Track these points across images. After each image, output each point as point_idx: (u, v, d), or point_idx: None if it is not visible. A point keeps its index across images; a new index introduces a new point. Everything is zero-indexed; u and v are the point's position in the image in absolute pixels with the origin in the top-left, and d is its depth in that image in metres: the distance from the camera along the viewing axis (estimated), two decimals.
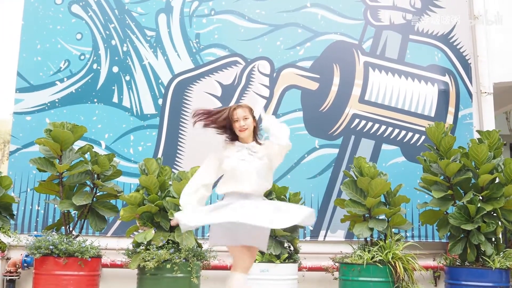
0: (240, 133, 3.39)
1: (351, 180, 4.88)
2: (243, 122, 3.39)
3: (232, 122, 3.40)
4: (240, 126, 3.38)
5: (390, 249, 4.50)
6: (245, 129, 3.39)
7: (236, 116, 3.39)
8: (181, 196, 3.38)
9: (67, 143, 4.44)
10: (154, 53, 6.34)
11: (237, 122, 3.39)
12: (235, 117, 3.40)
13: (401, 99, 6.34)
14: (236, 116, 3.39)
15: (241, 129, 3.38)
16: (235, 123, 3.39)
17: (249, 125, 3.42)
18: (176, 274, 4.20)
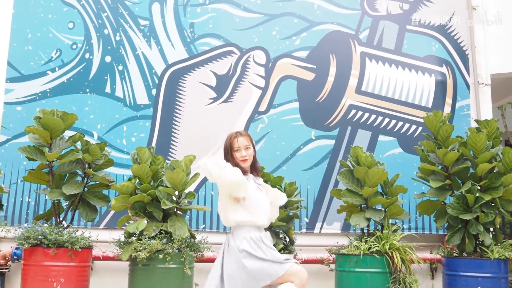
0: (241, 163, 3.26)
1: (348, 170, 4.79)
2: (244, 152, 3.27)
3: (232, 150, 3.27)
4: (241, 156, 3.25)
5: (387, 239, 4.41)
6: (246, 160, 3.27)
7: (237, 145, 3.26)
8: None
9: (57, 131, 4.32)
10: (147, 43, 6.23)
11: (237, 151, 3.26)
12: (236, 146, 3.26)
13: (398, 90, 6.26)
14: (237, 145, 3.26)
15: (243, 159, 3.26)
16: (235, 152, 3.26)
17: (250, 156, 3.30)
18: (169, 265, 4.10)
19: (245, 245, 3.12)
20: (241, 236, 3.17)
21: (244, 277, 3.07)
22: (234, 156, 3.25)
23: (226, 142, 3.32)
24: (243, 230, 3.18)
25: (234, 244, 3.15)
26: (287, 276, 3.04)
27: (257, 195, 3.25)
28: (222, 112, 6.06)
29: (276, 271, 3.04)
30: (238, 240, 3.16)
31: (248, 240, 3.13)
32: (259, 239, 3.17)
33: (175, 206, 4.32)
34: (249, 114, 6.10)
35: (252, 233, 3.17)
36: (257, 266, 3.06)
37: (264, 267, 3.05)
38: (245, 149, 3.27)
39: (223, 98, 6.10)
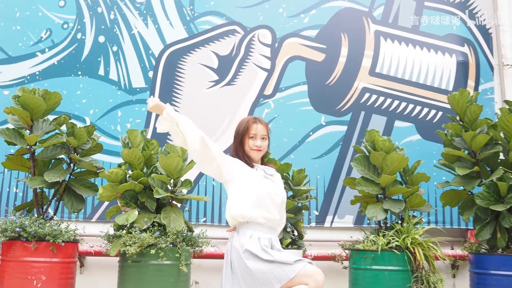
0: (252, 152, 2.82)
1: (363, 156, 4.30)
2: (260, 142, 2.82)
3: (246, 136, 2.82)
4: (256, 146, 2.80)
5: (408, 233, 3.92)
6: (260, 150, 2.82)
7: (255, 131, 2.82)
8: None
9: (38, 111, 3.87)
10: (144, 22, 5.77)
11: (253, 139, 2.81)
12: (253, 132, 2.82)
13: (415, 72, 5.75)
14: (254, 131, 2.82)
15: (257, 149, 2.81)
16: (249, 139, 2.81)
17: (264, 148, 2.85)
18: (162, 261, 3.64)
19: (249, 245, 2.66)
20: (247, 234, 2.70)
21: (249, 280, 2.61)
22: (246, 143, 2.81)
23: (241, 125, 2.86)
24: (250, 229, 2.72)
25: (238, 244, 2.70)
26: (300, 278, 2.58)
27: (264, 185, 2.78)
28: (225, 96, 5.60)
29: (286, 273, 2.58)
30: (243, 239, 2.70)
31: (255, 240, 2.67)
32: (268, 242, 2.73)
33: (170, 195, 3.86)
34: (253, 98, 5.64)
35: (262, 234, 2.72)
36: (263, 268, 2.61)
37: (272, 270, 2.60)
38: (262, 139, 2.82)
39: (226, 81, 5.63)
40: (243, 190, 2.76)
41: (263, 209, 2.73)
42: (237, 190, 2.77)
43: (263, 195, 2.75)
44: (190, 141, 2.73)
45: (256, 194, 2.74)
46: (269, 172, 2.89)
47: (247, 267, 2.60)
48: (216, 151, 2.76)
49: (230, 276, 2.68)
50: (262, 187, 2.77)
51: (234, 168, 2.79)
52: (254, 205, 2.73)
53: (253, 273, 2.59)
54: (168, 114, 2.79)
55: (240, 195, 2.76)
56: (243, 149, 2.82)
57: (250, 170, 2.82)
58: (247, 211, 2.71)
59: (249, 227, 2.73)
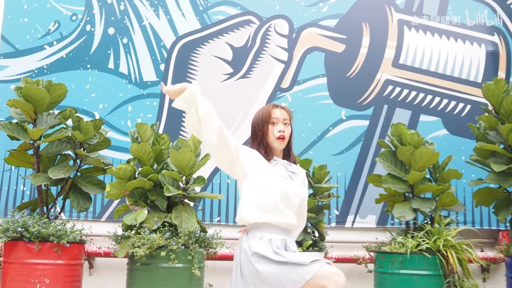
0: (277, 141, 2.49)
1: (389, 151, 3.99)
2: (283, 126, 2.50)
3: (267, 123, 2.49)
4: (279, 131, 2.47)
5: (440, 235, 3.60)
6: (284, 138, 2.49)
7: (277, 115, 2.50)
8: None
9: (41, 103, 3.63)
10: (155, 12, 5.53)
11: (274, 125, 2.50)
12: (274, 117, 2.50)
13: (442, 63, 5.42)
14: (276, 115, 2.50)
15: (281, 136, 2.48)
16: (271, 125, 2.49)
17: (287, 135, 2.52)
18: (173, 264, 3.38)
19: (258, 247, 2.38)
20: (257, 235, 2.42)
21: (259, 284, 2.32)
22: (269, 131, 2.49)
23: (260, 113, 2.55)
24: (261, 230, 2.44)
25: (246, 245, 2.42)
26: (318, 280, 2.27)
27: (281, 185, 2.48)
28: (239, 89, 5.33)
29: (301, 275, 2.28)
30: (252, 240, 2.42)
31: (265, 241, 2.39)
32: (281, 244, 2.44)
33: (181, 193, 3.59)
34: (270, 91, 5.36)
35: (274, 235, 2.43)
36: (275, 271, 2.31)
37: (285, 272, 2.30)
38: (284, 124, 2.51)
39: (241, 74, 5.36)
40: (256, 191, 2.45)
41: (277, 213, 2.44)
42: (250, 190, 2.47)
43: (278, 197, 2.45)
44: (206, 134, 2.38)
45: (270, 196, 2.44)
46: (290, 168, 2.59)
47: (256, 270, 2.32)
48: (235, 146, 2.44)
49: (240, 280, 2.40)
50: (277, 189, 2.46)
51: (248, 165, 2.48)
52: (267, 210, 2.43)
53: (264, 276, 2.31)
54: (190, 94, 2.35)
55: (253, 197, 2.46)
56: (266, 140, 2.51)
57: (267, 167, 2.52)
58: (259, 216, 2.42)
59: (260, 229, 2.44)
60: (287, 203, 2.46)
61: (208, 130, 2.36)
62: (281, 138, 2.50)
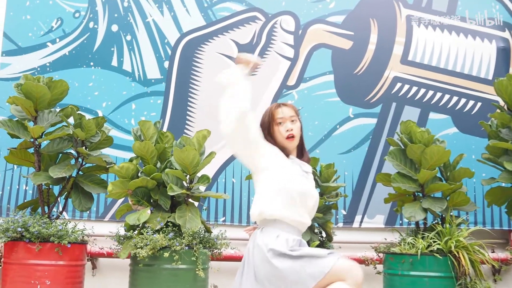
0: (287, 141, 2.39)
1: (398, 149, 3.88)
2: (290, 124, 2.39)
3: (274, 124, 2.38)
4: (287, 130, 2.36)
5: (452, 235, 3.49)
6: (294, 136, 2.38)
7: (281, 115, 2.38)
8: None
9: (42, 100, 3.55)
10: (159, 9, 5.44)
11: (281, 125, 2.39)
12: (279, 117, 2.38)
13: (451, 59, 5.30)
14: (280, 115, 2.38)
15: (289, 135, 2.37)
16: (277, 126, 2.38)
17: (297, 131, 2.40)
18: (177, 265, 3.28)
19: (275, 244, 2.28)
20: (274, 233, 2.33)
21: (276, 282, 2.22)
22: (276, 133, 2.39)
23: (265, 116, 2.45)
24: (277, 228, 2.35)
25: (262, 242, 2.32)
26: (336, 273, 2.17)
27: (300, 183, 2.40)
28: None
29: (319, 268, 2.18)
30: (267, 237, 2.32)
31: (282, 240, 2.30)
32: (297, 244, 2.35)
33: (185, 192, 3.50)
34: (276, 89, 5.26)
35: (290, 235, 2.34)
36: (294, 265, 2.22)
37: (303, 266, 2.20)
38: (291, 122, 2.41)
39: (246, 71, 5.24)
40: (277, 184, 2.36)
41: (294, 212, 2.36)
42: (269, 183, 2.37)
43: (297, 196, 2.37)
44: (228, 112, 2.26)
45: (290, 193, 2.35)
46: (304, 168, 2.50)
47: (274, 267, 2.22)
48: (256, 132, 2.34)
49: (254, 279, 2.30)
50: (296, 187, 2.37)
51: (270, 157, 2.39)
52: (286, 206, 2.34)
53: (282, 273, 2.21)
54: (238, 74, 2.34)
55: (273, 190, 2.36)
56: (277, 142, 2.42)
57: (287, 162, 2.44)
58: (278, 210, 2.33)
59: (276, 226, 2.35)
60: (303, 203, 2.38)
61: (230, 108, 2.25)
62: (291, 137, 2.40)
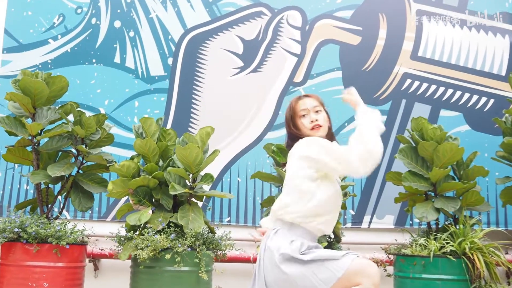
0: (313, 132, 2.23)
1: (409, 147, 3.74)
2: (314, 115, 2.24)
3: (297, 118, 2.24)
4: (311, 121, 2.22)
5: (465, 236, 3.34)
6: (319, 126, 2.23)
7: (304, 106, 2.25)
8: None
9: (40, 97, 3.44)
10: (163, 4, 5.32)
11: (305, 117, 2.25)
12: (302, 109, 2.25)
13: (463, 55, 5.14)
14: (303, 106, 2.25)
15: (314, 126, 2.22)
16: (301, 118, 2.24)
17: (323, 121, 2.25)
18: (179, 267, 3.16)
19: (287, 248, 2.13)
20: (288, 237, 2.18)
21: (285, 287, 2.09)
22: (300, 126, 2.25)
23: (287, 112, 2.32)
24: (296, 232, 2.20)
25: (274, 246, 2.17)
26: (350, 276, 2.03)
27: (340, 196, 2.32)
28: (250, 84, 5.10)
29: (332, 272, 2.04)
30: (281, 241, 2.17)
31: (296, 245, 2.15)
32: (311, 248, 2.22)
33: (188, 191, 3.37)
34: (282, 85, 5.13)
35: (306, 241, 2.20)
36: (304, 271, 2.08)
37: (315, 271, 2.06)
38: (315, 112, 2.26)
39: (252, 68, 5.14)
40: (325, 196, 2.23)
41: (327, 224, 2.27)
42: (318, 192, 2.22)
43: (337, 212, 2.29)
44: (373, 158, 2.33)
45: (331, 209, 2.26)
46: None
47: (282, 272, 2.08)
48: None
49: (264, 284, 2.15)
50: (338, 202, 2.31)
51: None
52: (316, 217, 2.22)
53: (292, 279, 2.07)
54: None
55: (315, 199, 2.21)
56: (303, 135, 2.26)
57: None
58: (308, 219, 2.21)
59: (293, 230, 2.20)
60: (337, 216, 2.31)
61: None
62: (316, 126, 2.26)
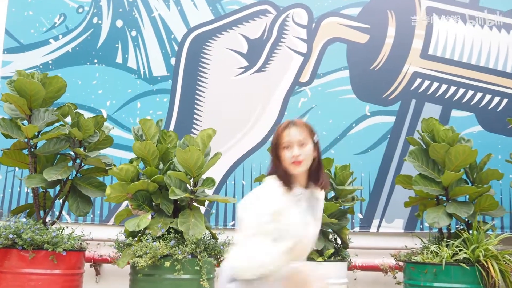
0: (292, 167, 2.01)
1: (420, 149, 3.59)
2: (298, 150, 2.01)
3: (279, 148, 2.03)
4: (293, 156, 1.99)
5: (479, 243, 3.19)
6: (300, 162, 2.00)
7: (288, 138, 2.01)
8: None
9: (36, 98, 3.32)
10: (165, 3, 5.21)
11: (287, 149, 2.02)
12: (285, 141, 2.01)
13: (475, 53, 4.98)
14: (287, 138, 2.01)
15: (296, 160, 2.00)
16: (283, 150, 2.02)
17: (306, 156, 2.02)
18: (179, 275, 3.02)
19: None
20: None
21: None
22: (282, 157, 2.03)
23: (273, 137, 2.09)
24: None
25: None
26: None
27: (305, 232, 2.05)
28: (255, 84, 4.97)
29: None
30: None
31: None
32: None
33: (189, 196, 3.24)
34: (288, 86, 4.99)
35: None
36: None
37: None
38: (300, 146, 2.01)
39: (256, 67, 5.01)
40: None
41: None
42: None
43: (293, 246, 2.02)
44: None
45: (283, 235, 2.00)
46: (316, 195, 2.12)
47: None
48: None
49: None
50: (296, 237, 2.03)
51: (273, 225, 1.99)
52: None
53: None
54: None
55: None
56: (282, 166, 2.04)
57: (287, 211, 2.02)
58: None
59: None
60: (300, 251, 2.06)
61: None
62: (296, 162, 2.04)
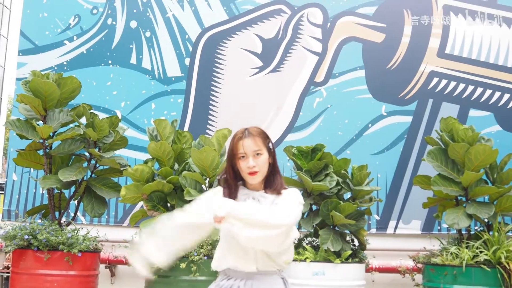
0: (249, 177, 2.00)
1: (439, 149, 3.52)
2: (253, 161, 1.98)
3: (236, 158, 2.02)
4: (248, 167, 1.99)
5: (501, 244, 3.11)
6: (255, 173, 1.99)
7: (242, 150, 2.00)
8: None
9: (51, 99, 3.32)
10: (179, 4, 5.20)
11: (242, 160, 2.00)
12: (240, 152, 2.00)
13: (493, 52, 4.90)
14: (241, 150, 1.99)
15: (251, 171, 2.00)
16: (239, 160, 2.01)
17: (261, 166, 2.00)
18: (195, 277, 3.00)
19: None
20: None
21: None
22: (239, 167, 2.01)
23: (229, 145, 2.07)
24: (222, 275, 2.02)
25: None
26: None
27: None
28: (270, 84, 4.95)
29: None
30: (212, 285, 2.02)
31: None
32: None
33: None
34: (303, 86, 4.95)
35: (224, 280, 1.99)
36: None
37: None
38: (254, 156, 1.99)
39: (271, 67, 4.98)
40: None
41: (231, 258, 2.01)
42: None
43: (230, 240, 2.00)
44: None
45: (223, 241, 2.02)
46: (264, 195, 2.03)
47: None
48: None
49: None
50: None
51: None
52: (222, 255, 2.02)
53: None
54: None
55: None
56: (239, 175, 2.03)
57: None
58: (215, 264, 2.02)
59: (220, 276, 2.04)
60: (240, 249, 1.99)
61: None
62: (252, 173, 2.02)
